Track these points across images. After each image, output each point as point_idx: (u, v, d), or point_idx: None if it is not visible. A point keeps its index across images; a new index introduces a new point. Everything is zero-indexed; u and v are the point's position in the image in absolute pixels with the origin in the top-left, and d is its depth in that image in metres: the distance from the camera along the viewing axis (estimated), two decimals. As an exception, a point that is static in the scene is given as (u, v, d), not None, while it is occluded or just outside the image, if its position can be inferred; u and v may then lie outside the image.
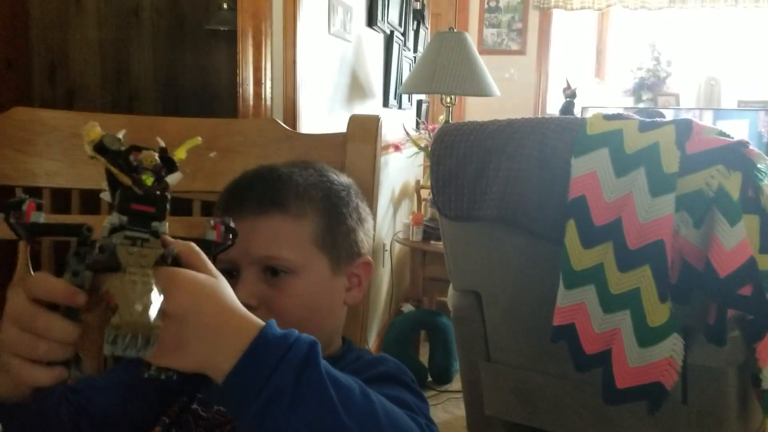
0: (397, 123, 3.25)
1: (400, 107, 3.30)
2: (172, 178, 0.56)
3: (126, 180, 0.53)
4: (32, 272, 0.91)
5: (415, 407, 0.67)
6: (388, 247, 3.26)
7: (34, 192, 0.95)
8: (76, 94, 2.86)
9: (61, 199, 1.02)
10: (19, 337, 0.51)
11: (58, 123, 0.90)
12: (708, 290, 1.51)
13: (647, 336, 1.54)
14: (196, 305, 0.52)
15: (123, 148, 0.55)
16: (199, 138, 0.57)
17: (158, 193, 0.55)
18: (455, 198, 1.88)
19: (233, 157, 0.85)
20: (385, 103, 3.03)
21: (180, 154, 0.58)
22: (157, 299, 0.49)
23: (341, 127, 2.34)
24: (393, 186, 3.37)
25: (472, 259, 1.99)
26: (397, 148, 3.22)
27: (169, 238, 0.55)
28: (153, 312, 0.48)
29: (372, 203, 0.89)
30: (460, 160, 1.85)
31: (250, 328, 0.53)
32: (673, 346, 1.52)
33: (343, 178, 0.85)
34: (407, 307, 3.04)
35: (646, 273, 1.53)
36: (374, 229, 0.87)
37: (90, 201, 0.99)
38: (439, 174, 1.91)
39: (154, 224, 0.54)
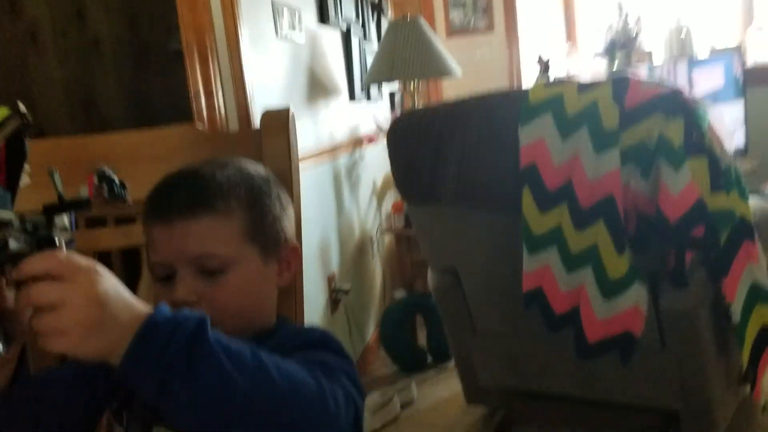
0: (367, 116, 3.29)
1: (369, 99, 3.34)
2: None
3: None
4: None
5: (335, 365, 0.72)
6: (375, 239, 3.31)
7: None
8: (45, 133, 2.91)
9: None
10: None
11: None
12: (662, 236, 1.55)
13: (610, 288, 1.59)
14: (115, 287, 0.57)
15: None
16: (5, 109, 0.57)
17: None
18: (416, 183, 1.93)
19: (159, 164, 0.90)
20: (352, 97, 3.08)
21: None
22: None
23: (303, 128, 2.38)
24: (374, 178, 3.42)
25: (443, 239, 2.03)
26: (371, 140, 3.26)
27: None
28: None
29: (292, 194, 0.94)
30: (415, 146, 1.90)
31: (139, 313, 0.58)
32: (636, 294, 1.57)
33: (261, 169, 0.89)
34: (400, 294, 3.09)
35: (601, 228, 1.58)
36: (296, 216, 0.92)
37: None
38: (398, 162, 1.96)
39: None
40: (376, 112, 3.43)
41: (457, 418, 2.49)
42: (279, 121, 0.94)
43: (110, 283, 0.58)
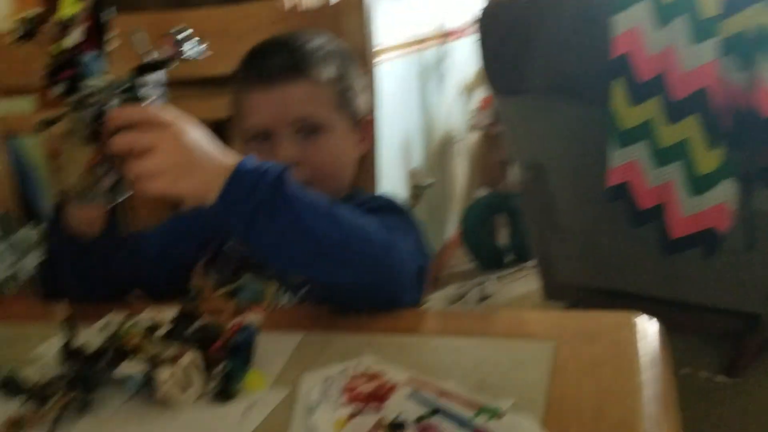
0: (460, 6, 3.20)
1: (461, -7, 3.24)
2: (71, 39, 0.61)
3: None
4: None
5: (403, 225, 0.78)
6: (461, 136, 3.30)
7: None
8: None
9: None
10: None
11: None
12: (757, 132, 1.48)
13: (699, 184, 1.54)
14: (202, 137, 0.63)
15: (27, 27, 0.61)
16: None
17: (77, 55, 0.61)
18: (504, 71, 1.89)
19: (242, 40, 0.93)
20: (443, -10, 2.99)
21: (67, 11, 0.61)
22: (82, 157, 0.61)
23: (387, 18, 2.33)
24: (463, 73, 3.36)
25: (529, 133, 2.01)
26: (461, 33, 3.18)
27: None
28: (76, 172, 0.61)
29: (368, 69, 0.96)
30: (505, 32, 1.85)
31: (228, 160, 0.63)
32: (725, 191, 1.52)
33: (341, 43, 0.93)
34: (482, 192, 3.10)
35: (694, 122, 1.52)
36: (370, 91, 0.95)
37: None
38: (487, 48, 1.92)
39: (85, 83, 0.61)
40: (470, 4, 3.32)
41: (533, 313, 2.53)
42: (356, -3, 0.95)
43: (198, 133, 0.63)
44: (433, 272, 2.90)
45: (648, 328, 0.58)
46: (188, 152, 0.61)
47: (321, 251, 0.64)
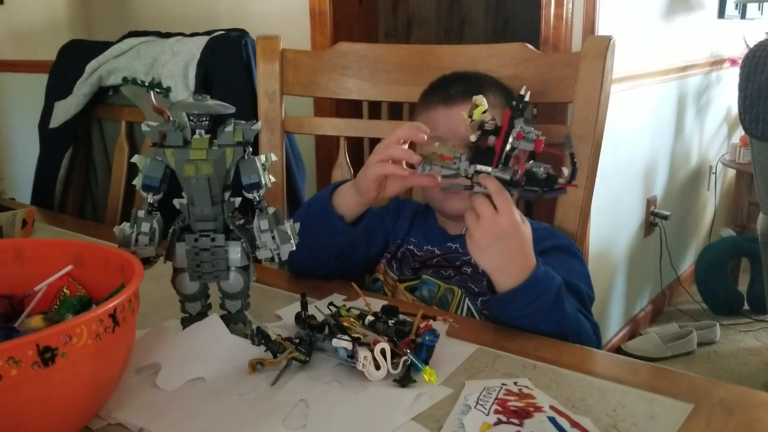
0: (736, 35, 3.01)
1: (743, 17, 3.03)
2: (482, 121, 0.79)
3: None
4: None
5: (581, 274, 0.91)
6: (715, 169, 3.12)
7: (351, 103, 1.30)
8: (414, 23, 3.24)
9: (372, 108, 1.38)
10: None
11: (366, 53, 1.21)
12: None
13: None
14: (518, 240, 0.79)
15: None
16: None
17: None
18: (763, 117, 1.80)
19: (491, 74, 1.06)
20: (721, 14, 2.83)
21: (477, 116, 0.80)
22: None
23: (651, 43, 2.31)
24: (729, 104, 3.16)
25: (782, 183, 1.88)
26: (734, 62, 2.99)
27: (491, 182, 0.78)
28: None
29: (597, 117, 1.02)
30: (769, 78, 1.76)
31: (530, 265, 0.79)
32: None
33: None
34: (727, 232, 2.91)
35: None
36: (596, 139, 1.02)
37: (394, 109, 1.30)
38: (747, 92, 1.83)
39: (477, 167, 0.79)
40: (749, 32, 3.11)
41: (757, 371, 2.36)
42: (599, 47, 1.01)
43: (524, 231, 0.79)
44: (658, 304, 2.81)
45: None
46: (520, 252, 0.79)
47: (551, 334, 0.81)
